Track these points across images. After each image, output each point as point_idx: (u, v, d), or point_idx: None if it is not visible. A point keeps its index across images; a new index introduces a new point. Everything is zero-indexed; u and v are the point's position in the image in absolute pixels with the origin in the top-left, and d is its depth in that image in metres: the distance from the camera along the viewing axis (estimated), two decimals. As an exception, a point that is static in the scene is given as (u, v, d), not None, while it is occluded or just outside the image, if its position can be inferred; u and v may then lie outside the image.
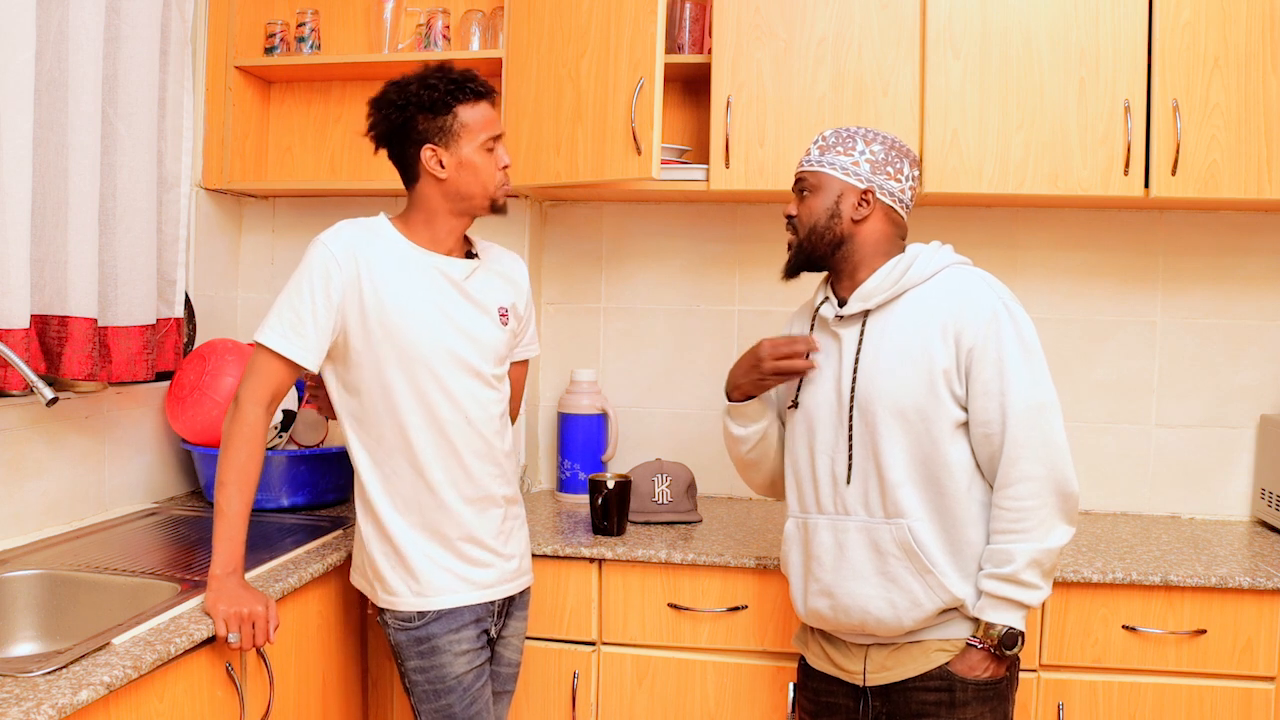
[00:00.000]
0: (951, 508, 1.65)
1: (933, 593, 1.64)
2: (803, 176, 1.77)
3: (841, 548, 1.70)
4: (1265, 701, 2.00)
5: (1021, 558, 1.59)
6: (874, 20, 2.30)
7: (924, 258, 1.71)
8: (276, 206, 2.80)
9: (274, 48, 2.63)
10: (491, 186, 1.82)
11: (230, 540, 1.65)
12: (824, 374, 1.75)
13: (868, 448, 1.68)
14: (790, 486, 1.82)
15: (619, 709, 2.18)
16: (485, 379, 1.85)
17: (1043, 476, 1.60)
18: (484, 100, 1.81)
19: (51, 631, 1.76)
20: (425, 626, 1.80)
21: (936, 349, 1.64)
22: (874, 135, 1.74)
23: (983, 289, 1.67)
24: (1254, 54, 2.19)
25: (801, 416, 1.77)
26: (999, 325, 1.63)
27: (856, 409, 1.69)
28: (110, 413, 2.25)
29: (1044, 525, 1.60)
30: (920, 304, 1.68)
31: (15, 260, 1.83)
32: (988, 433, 1.63)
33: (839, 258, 1.74)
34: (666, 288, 2.75)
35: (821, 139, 1.77)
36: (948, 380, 1.64)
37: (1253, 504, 2.53)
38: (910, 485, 1.65)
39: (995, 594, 1.61)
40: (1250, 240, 2.54)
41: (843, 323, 1.74)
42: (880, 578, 1.67)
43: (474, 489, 1.83)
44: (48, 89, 1.92)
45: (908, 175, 1.74)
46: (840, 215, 1.72)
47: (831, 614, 1.73)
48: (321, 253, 1.75)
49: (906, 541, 1.64)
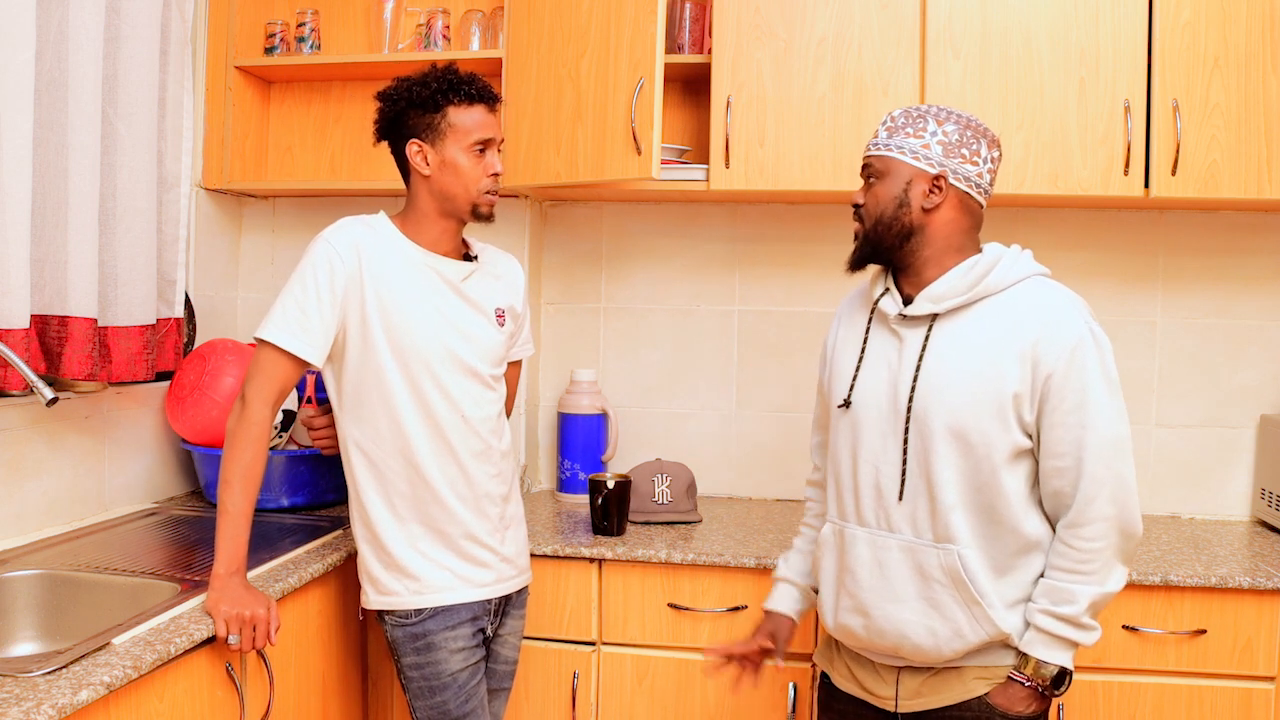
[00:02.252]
0: (1003, 536, 1.53)
1: (978, 624, 1.52)
2: (869, 161, 1.62)
3: (882, 566, 1.58)
4: (1265, 701, 2.00)
5: (1084, 599, 1.49)
6: (874, 20, 2.30)
7: (1005, 264, 1.56)
8: (276, 206, 2.80)
9: (274, 48, 2.63)
10: (474, 190, 1.81)
11: (233, 540, 1.65)
12: (878, 375, 1.61)
13: (920, 464, 1.55)
14: (830, 489, 1.70)
15: (619, 709, 2.18)
16: (483, 379, 1.85)
17: (1113, 516, 1.50)
18: (479, 104, 1.80)
19: (51, 631, 1.76)
20: (422, 623, 1.81)
21: (1010, 370, 1.50)
22: (947, 114, 1.58)
23: (1069, 310, 1.53)
24: (1254, 54, 2.19)
25: (849, 417, 1.64)
26: (1084, 354, 1.50)
27: (913, 421, 1.55)
28: (110, 413, 2.25)
29: (1107, 567, 1.51)
30: (996, 316, 1.54)
31: (15, 260, 1.83)
32: (1060, 466, 1.51)
33: (907, 250, 1.59)
34: (666, 288, 2.75)
35: (890, 119, 1.62)
36: (1017, 405, 1.50)
37: (1253, 504, 2.53)
38: (963, 510, 1.53)
39: (1052, 632, 1.51)
40: (1250, 240, 2.54)
41: (906, 322, 1.60)
42: (922, 603, 1.55)
43: (471, 488, 1.83)
44: (48, 89, 1.92)
45: (985, 158, 1.58)
46: (909, 204, 1.56)
47: (864, 634, 1.61)
48: (325, 248, 1.76)
49: (955, 569, 1.52)
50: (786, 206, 2.69)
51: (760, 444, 2.72)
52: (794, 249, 2.69)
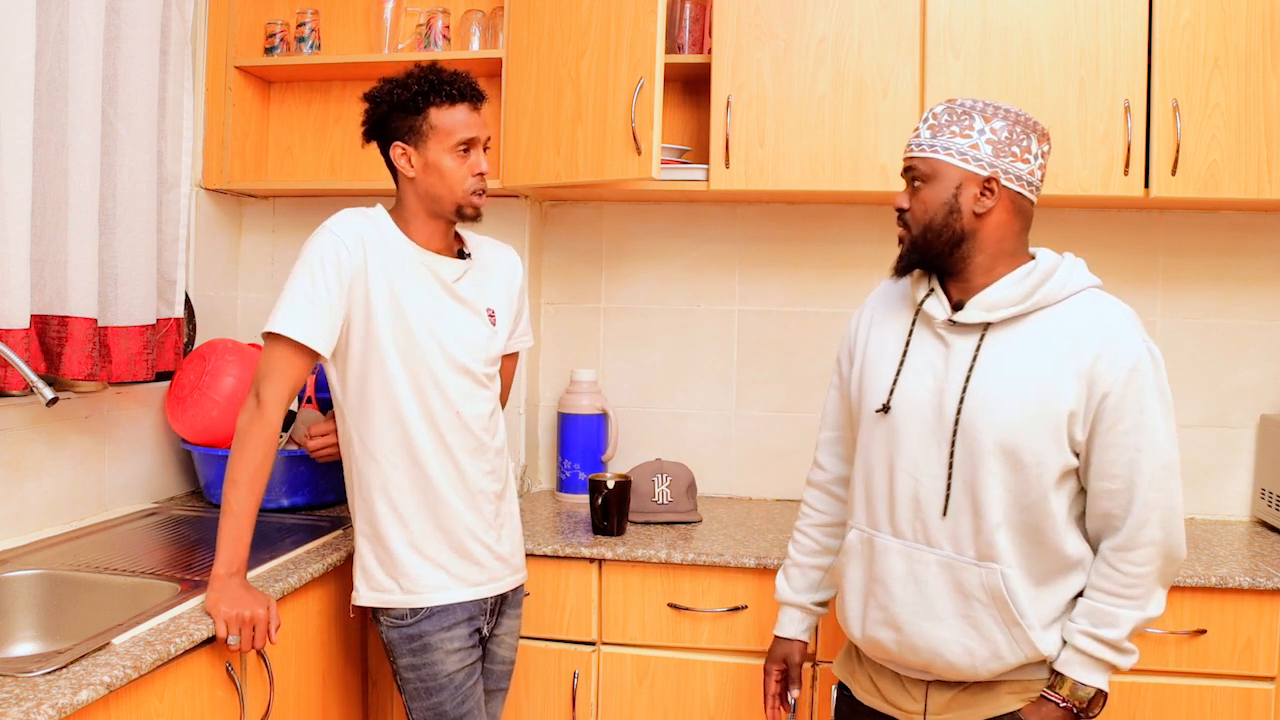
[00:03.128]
0: (1045, 556, 1.48)
1: (1017, 646, 1.47)
2: (913, 163, 1.52)
3: (918, 581, 1.52)
4: (1265, 701, 2.00)
5: (1127, 624, 1.46)
6: (874, 20, 2.30)
7: (1061, 274, 1.50)
8: (276, 206, 2.80)
9: (274, 48, 2.63)
10: (459, 191, 1.79)
11: (236, 540, 1.64)
12: (921, 382, 1.53)
13: (966, 480, 1.48)
14: (858, 496, 1.62)
15: (619, 709, 2.18)
16: (476, 377, 1.85)
17: (1161, 541, 1.45)
18: (462, 103, 1.78)
19: (51, 631, 1.76)
20: (417, 624, 1.81)
21: (1066, 388, 1.44)
22: (993, 109, 1.50)
23: (1128, 327, 1.48)
24: (1254, 54, 2.19)
25: (886, 423, 1.56)
26: (1142, 375, 1.44)
27: (961, 434, 1.48)
28: (110, 413, 2.25)
29: (1150, 592, 1.47)
30: (1053, 330, 1.47)
31: (15, 260, 1.83)
32: (1111, 488, 1.46)
33: (957, 257, 1.51)
34: (666, 288, 2.75)
35: (932, 117, 1.52)
36: (1070, 424, 1.45)
37: (1253, 504, 2.53)
38: (1008, 528, 1.47)
39: (1091, 654, 1.46)
40: (1250, 240, 2.54)
41: (955, 329, 1.52)
42: (960, 621, 1.49)
43: (466, 486, 1.83)
44: (48, 89, 1.92)
45: (1036, 153, 1.51)
46: (960, 209, 1.48)
47: (896, 649, 1.55)
48: (330, 239, 1.75)
49: (998, 589, 1.46)
50: (786, 206, 2.69)
51: (760, 444, 2.72)
52: (794, 249, 2.69)
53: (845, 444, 1.75)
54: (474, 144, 1.80)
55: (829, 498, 1.77)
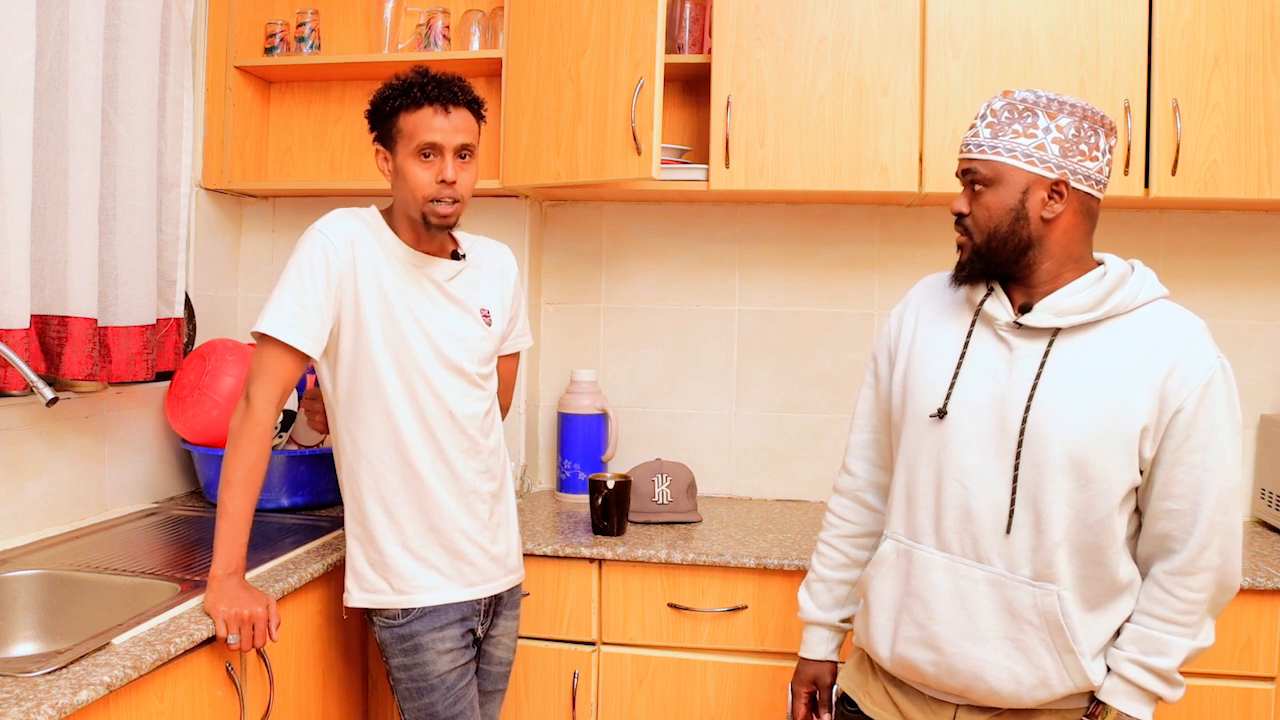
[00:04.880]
0: (1101, 579, 1.40)
1: (1068, 674, 1.39)
2: (973, 166, 1.42)
3: (964, 599, 1.42)
4: (1265, 701, 2.00)
5: (1179, 653, 1.38)
6: (874, 20, 2.30)
7: (1133, 283, 1.42)
8: (276, 206, 2.80)
9: (274, 48, 2.63)
10: (419, 198, 1.74)
11: (233, 540, 1.65)
12: (981, 386, 1.44)
13: (1029, 493, 1.39)
14: (897, 503, 1.52)
15: (619, 709, 2.18)
16: (470, 377, 1.85)
17: (1218, 567, 1.38)
18: (428, 106, 1.71)
19: (51, 632, 1.76)
20: (409, 624, 1.80)
21: (1139, 402, 1.37)
22: (1058, 104, 1.39)
23: (1203, 342, 1.39)
24: (1254, 54, 2.19)
25: (939, 429, 1.46)
26: (1215, 391, 1.37)
27: (1026, 444, 1.39)
28: (110, 413, 2.25)
29: (1203, 621, 1.40)
30: (1126, 341, 1.39)
31: (15, 260, 1.83)
32: (1173, 508, 1.38)
33: (1024, 264, 1.43)
34: (666, 287, 2.75)
35: (990, 114, 1.41)
36: (1141, 440, 1.37)
37: (1252, 504, 2.53)
38: (1068, 548, 1.38)
39: (1140, 684, 1.39)
40: (1250, 240, 2.54)
41: (1021, 332, 1.43)
42: (1007, 644, 1.40)
43: (458, 485, 1.83)
44: (48, 89, 1.92)
45: (1104, 149, 1.41)
46: (1027, 215, 1.39)
47: (933, 671, 1.45)
48: (319, 240, 1.74)
49: (1053, 612, 1.38)
50: (786, 206, 2.69)
51: (760, 444, 2.72)
52: (794, 249, 2.69)
53: (879, 448, 1.65)
54: (437, 149, 1.73)
55: (860, 506, 1.67)
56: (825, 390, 2.68)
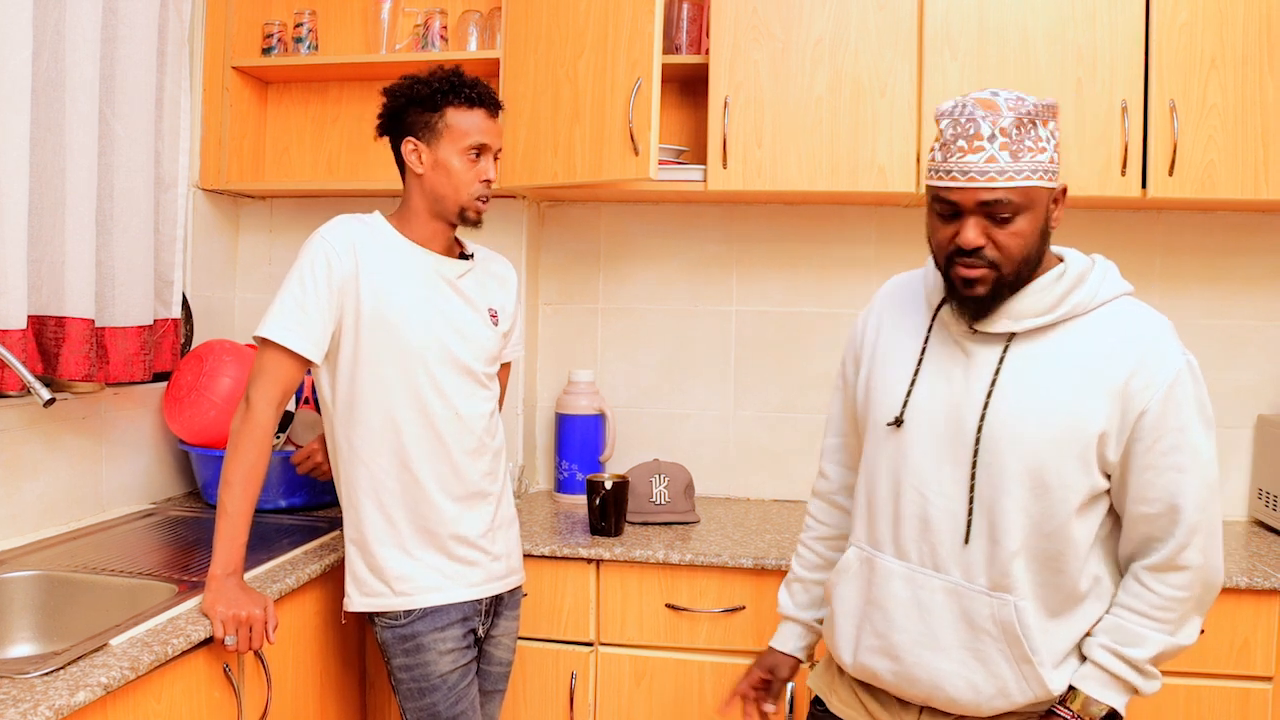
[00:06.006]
0: (1064, 587, 1.37)
1: (1026, 684, 1.37)
2: (1005, 196, 1.30)
3: (922, 609, 1.41)
4: (1263, 701, 2.00)
5: (1154, 647, 1.36)
6: (871, 21, 2.31)
7: (1093, 281, 1.37)
8: (274, 207, 2.80)
9: (271, 48, 2.63)
10: (464, 194, 1.82)
11: (232, 541, 1.65)
12: (935, 394, 1.41)
13: (984, 503, 1.37)
14: (860, 513, 1.51)
15: (617, 709, 2.18)
16: (477, 377, 1.86)
17: (1201, 566, 1.36)
18: (480, 108, 1.82)
19: (49, 632, 1.76)
20: (410, 625, 1.81)
21: (1097, 407, 1.33)
22: (1043, 107, 1.33)
23: (1166, 340, 1.35)
24: (1251, 55, 2.20)
25: (897, 437, 1.44)
26: (1182, 390, 1.33)
27: (982, 453, 1.36)
28: (107, 413, 2.25)
29: (1184, 619, 1.38)
30: (1084, 343, 1.36)
31: (12, 261, 1.83)
32: (1150, 513, 1.35)
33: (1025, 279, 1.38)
34: (664, 288, 2.75)
35: (1001, 134, 1.31)
36: (1101, 445, 1.34)
37: (1250, 504, 2.53)
38: (1025, 556, 1.36)
39: (1112, 671, 1.37)
40: (1247, 240, 2.54)
41: (976, 337, 1.40)
42: (966, 654, 1.38)
43: (462, 486, 1.83)
44: (45, 89, 1.92)
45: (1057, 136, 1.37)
46: (1048, 231, 1.35)
47: (892, 679, 1.44)
48: (321, 245, 1.76)
49: (1010, 623, 1.36)
50: (784, 207, 2.69)
51: (758, 444, 2.72)
52: (791, 249, 2.69)
53: (850, 451, 1.64)
54: (485, 150, 1.83)
55: (833, 509, 1.68)
56: (823, 390, 2.68)
